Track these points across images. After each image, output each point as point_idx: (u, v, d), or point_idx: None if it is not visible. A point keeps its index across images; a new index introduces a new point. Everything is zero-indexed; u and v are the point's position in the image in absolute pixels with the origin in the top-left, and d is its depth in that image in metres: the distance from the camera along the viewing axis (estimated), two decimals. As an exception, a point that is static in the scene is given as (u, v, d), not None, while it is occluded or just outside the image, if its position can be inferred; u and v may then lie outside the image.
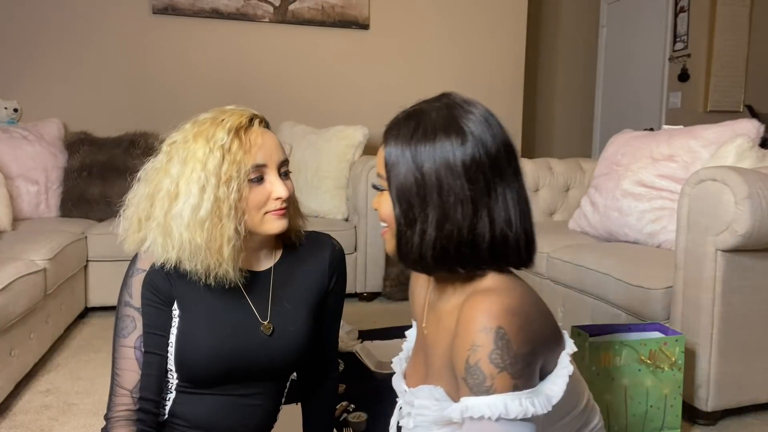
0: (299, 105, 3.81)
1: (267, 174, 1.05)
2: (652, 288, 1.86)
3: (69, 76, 3.47)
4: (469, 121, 0.86)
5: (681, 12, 4.29)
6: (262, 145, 1.05)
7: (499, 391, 0.78)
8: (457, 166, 0.84)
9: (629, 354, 1.57)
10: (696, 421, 1.78)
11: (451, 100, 0.89)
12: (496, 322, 0.78)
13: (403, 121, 0.89)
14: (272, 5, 3.71)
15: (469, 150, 0.84)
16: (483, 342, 0.78)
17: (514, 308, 0.81)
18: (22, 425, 1.74)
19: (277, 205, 1.05)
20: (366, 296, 3.13)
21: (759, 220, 1.60)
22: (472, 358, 0.79)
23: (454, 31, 4.12)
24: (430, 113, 0.87)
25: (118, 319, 1.10)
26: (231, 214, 1.00)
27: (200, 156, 1.00)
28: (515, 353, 0.78)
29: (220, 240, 1.00)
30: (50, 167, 3.05)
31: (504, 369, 0.78)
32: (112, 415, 1.06)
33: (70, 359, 2.25)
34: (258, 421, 1.14)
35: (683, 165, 2.18)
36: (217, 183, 0.99)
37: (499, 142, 0.87)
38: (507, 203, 0.86)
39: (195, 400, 1.09)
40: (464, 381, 0.80)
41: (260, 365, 1.10)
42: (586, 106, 5.15)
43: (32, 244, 2.23)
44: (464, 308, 0.83)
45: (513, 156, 0.89)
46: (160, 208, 1.02)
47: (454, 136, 0.85)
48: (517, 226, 0.87)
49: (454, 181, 0.84)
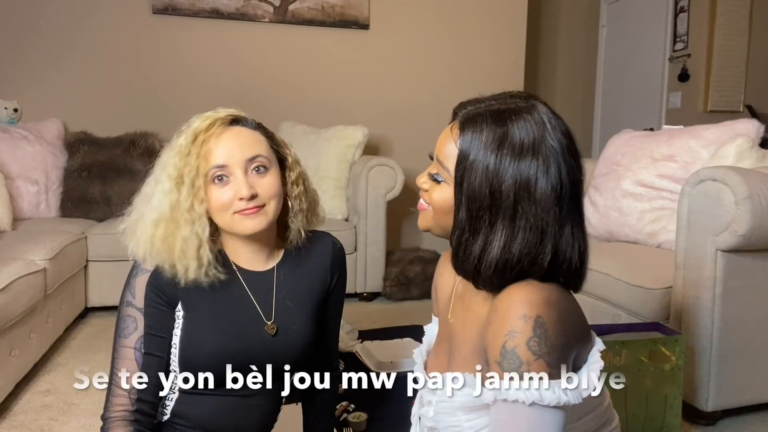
0: (299, 105, 3.81)
1: (230, 174, 1.05)
2: (652, 288, 1.86)
3: (69, 76, 3.47)
4: (556, 147, 0.84)
5: (681, 12, 4.29)
6: (219, 145, 1.05)
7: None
8: (536, 192, 0.83)
9: (629, 354, 1.57)
10: (696, 421, 1.78)
11: (542, 115, 0.86)
12: (535, 311, 0.80)
13: (490, 119, 0.85)
14: (272, 5, 3.71)
15: (552, 179, 0.83)
16: (522, 329, 0.79)
17: (553, 301, 0.82)
18: (22, 425, 1.74)
19: (243, 206, 1.04)
20: (366, 296, 3.13)
21: (759, 220, 1.60)
22: (509, 343, 0.80)
23: (454, 31, 4.12)
24: (520, 124, 0.84)
25: (119, 318, 1.10)
26: (185, 216, 1.03)
27: (164, 161, 1.06)
28: (552, 343, 0.80)
29: (173, 240, 1.03)
30: (50, 167, 3.05)
31: (540, 357, 0.79)
32: (108, 416, 1.07)
33: (70, 359, 2.25)
34: (259, 421, 1.15)
35: (683, 165, 2.18)
36: (173, 186, 1.03)
37: (576, 175, 0.86)
38: (572, 237, 0.87)
39: (197, 400, 1.09)
40: (498, 365, 0.81)
41: (264, 365, 1.10)
42: (586, 106, 5.15)
43: (32, 244, 2.22)
44: (502, 296, 0.84)
45: (581, 191, 0.89)
46: (136, 211, 1.09)
47: (541, 161, 0.83)
48: (576, 260, 0.87)
49: (530, 206, 0.83)
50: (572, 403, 0.81)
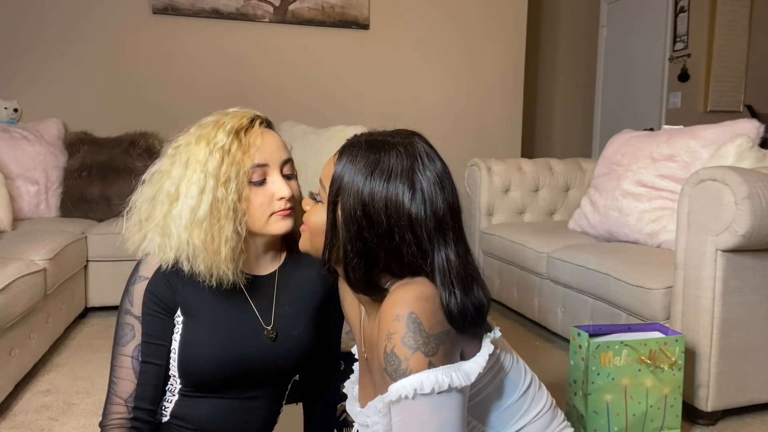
0: (299, 105, 3.81)
1: (269, 175, 1.05)
2: (652, 288, 1.86)
3: (69, 76, 3.47)
4: (425, 178, 0.87)
5: (681, 12, 4.29)
6: (262, 145, 1.05)
7: (415, 371, 0.80)
8: (404, 215, 0.85)
9: (629, 354, 1.57)
10: (696, 421, 1.78)
11: (416, 149, 0.89)
12: (407, 309, 0.82)
13: (364, 147, 0.89)
14: (272, 5, 3.71)
15: (417, 206, 0.85)
16: (396, 328, 0.81)
17: (426, 294, 0.84)
18: (22, 425, 1.74)
19: (282, 206, 1.05)
20: (366, 296, 3.13)
21: (759, 220, 1.60)
22: (388, 346, 0.82)
23: (454, 31, 4.12)
24: (392, 154, 0.87)
25: (118, 326, 1.10)
26: (230, 215, 1.00)
27: (201, 158, 1.01)
28: (428, 334, 0.81)
29: (218, 240, 1.00)
30: (50, 167, 3.05)
31: (417, 349, 0.81)
32: (106, 423, 1.07)
33: (70, 359, 2.25)
34: (260, 423, 1.14)
35: (683, 165, 2.18)
36: (215, 184, 1.00)
37: (446, 205, 0.88)
38: (447, 262, 0.87)
39: (197, 403, 1.09)
40: (385, 371, 0.83)
41: (264, 370, 1.10)
42: (586, 106, 5.15)
43: (32, 244, 2.22)
44: (381, 308, 0.86)
45: (458, 219, 0.90)
46: (159, 210, 1.03)
47: (408, 188, 0.85)
48: (458, 290, 0.86)
49: (400, 224, 0.85)
50: (461, 385, 0.82)
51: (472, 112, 4.18)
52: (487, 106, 4.25)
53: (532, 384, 1.00)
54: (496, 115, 4.28)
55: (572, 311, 2.29)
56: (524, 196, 3.17)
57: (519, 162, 3.25)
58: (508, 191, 3.16)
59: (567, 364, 1.65)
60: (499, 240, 2.88)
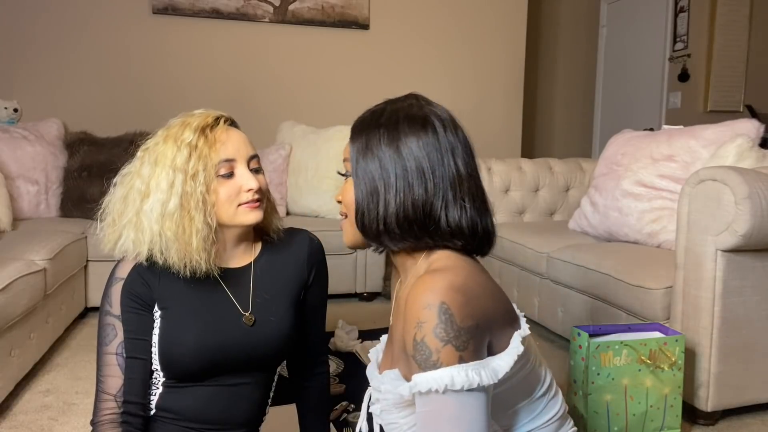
0: (299, 105, 3.81)
1: (236, 168, 1.09)
2: (652, 288, 1.86)
3: (69, 76, 3.47)
4: (434, 116, 0.94)
5: (681, 12, 4.29)
6: (227, 140, 1.09)
7: (446, 365, 0.81)
8: (420, 156, 0.90)
9: (629, 354, 1.57)
10: (696, 421, 1.78)
11: (418, 98, 0.98)
12: (439, 298, 0.82)
13: (369, 115, 0.98)
14: (272, 5, 3.71)
15: (431, 140, 0.91)
16: (427, 318, 0.81)
17: (458, 285, 0.84)
18: (22, 425, 1.74)
19: (249, 197, 1.09)
20: (366, 296, 3.13)
21: (759, 220, 1.60)
22: (418, 334, 0.82)
23: (454, 31, 4.12)
24: (397, 107, 0.96)
25: (99, 328, 1.14)
26: (199, 206, 1.04)
27: (169, 155, 1.06)
28: (459, 327, 0.81)
29: (189, 231, 1.04)
30: (50, 167, 3.05)
31: (448, 342, 0.81)
32: (97, 420, 1.11)
33: (70, 359, 2.25)
34: (245, 411, 1.15)
35: (683, 165, 2.18)
36: (184, 178, 1.04)
37: (461, 139, 0.94)
38: (458, 176, 0.92)
39: (181, 393, 1.11)
40: (413, 359, 0.83)
41: (245, 355, 1.12)
42: (586, 106, 5.15)
43: (32, 244, 2.22)
44: (411, 289, 0.86)
45: (471, 155, 0.96)
46: (132, 207, 1.07)
47: (420, 128, 0.92)
48: (473, 215, 0.92)
49: (423, 181, 0.90)
50: (488, 383, 0.83)
51: (472, 112, 4.18)
52: (487, 106, 4.25)
53: (549, 389, 1.00)
54: (496, 115, 4.29)
55: (572, 311, 2.29)
56: (524, 196, 3.17)
57: (519, 162, 3.25)
58: (508, 191, 3.16)
59: (567, 364, 1.65)
60: (498, 240, 2.87)
